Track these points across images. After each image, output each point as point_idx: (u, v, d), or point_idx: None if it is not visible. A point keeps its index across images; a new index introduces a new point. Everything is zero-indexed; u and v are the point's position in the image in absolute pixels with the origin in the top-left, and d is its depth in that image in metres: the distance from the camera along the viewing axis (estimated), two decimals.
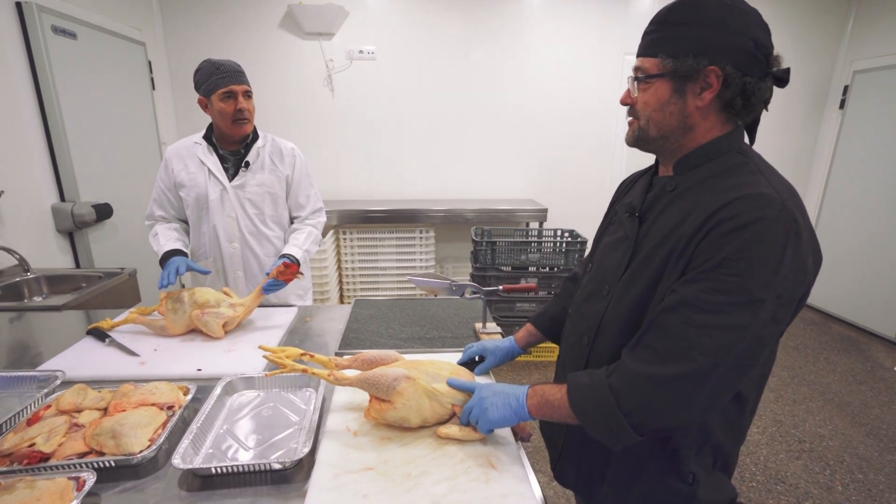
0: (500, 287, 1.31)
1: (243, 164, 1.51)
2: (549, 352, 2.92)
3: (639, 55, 0.75)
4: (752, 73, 0.67)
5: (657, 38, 0.71)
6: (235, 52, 3.14)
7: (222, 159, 1.52)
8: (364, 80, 3.31)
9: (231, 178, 1.52)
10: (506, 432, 0.89)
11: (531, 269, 2.98)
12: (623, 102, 0.78)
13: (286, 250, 1.53)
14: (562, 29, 3.37)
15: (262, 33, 3.16)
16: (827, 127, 3.81)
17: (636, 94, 0.75)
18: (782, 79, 0.69)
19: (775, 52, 0.69)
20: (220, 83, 1.38)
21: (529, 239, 3.14)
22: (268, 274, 1.37)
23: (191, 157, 1.51)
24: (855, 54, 3.58)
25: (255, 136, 1.54)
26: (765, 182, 0.66)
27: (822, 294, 3.89)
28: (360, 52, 3.26)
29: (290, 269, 1.37)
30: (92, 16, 2.41)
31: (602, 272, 0.85)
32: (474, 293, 1.27)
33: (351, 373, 0.91)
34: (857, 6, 3.56)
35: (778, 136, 3.82)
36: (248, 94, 1.44)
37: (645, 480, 0.81)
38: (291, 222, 1.67)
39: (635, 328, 0.73)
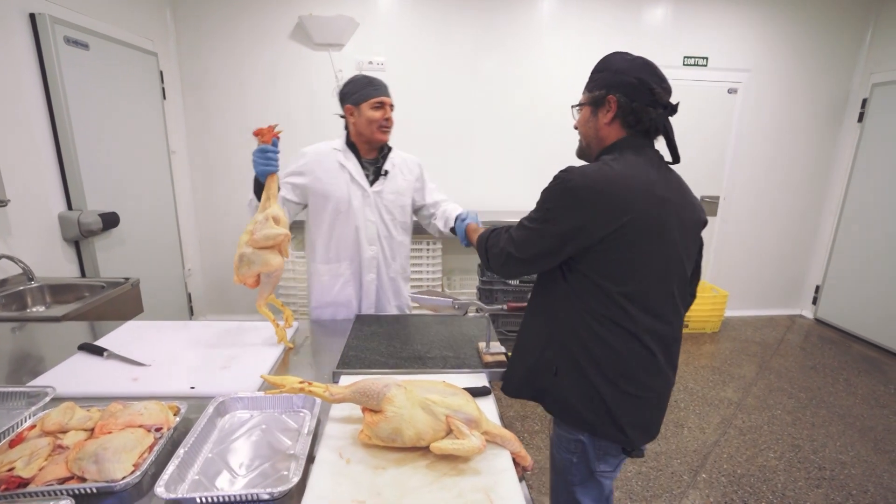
0: (505, 306, 1.26)
1: (382, 172, 1.58)
2: None
3: None
4: (639, 101, 0.99)
5: (588, 80, 1.08)
6: (247, 62, 3.16)
7: (361, 166, 1.58)
8: None
9: (371, 184, 1.58)
10: (507, 463, 0.84)
11: None
12: (574, 126, 1.15)
13: (450, 213, 1.63)
14: (572, 40, 3.35)
15: (273, 44, 3.18)
16: (845, 140, 3.73)
17: (576, 120, 1.13)
18: (668, 107, 1.01)
19: (661, 90, 0.99)
20: (372, 93, 1.49)
21: None
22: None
23: (330, 161, 1.55)
24: (874, 67, 3.50)
25: (390, 148, 1.63)
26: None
27: (841, 312, 3.76)
28: (370, 62, 3.27)
29: (266, 128, 1.25)
30: (105, 27, 2.44)
31: None
32: (478, 311, 1.23)
33: None
34: (876, 19, 3.49)
35: (796, 149, 3.74)
36: (392, 107, 1.55)
37: None
38: (425, 224, 1.77)
39: None
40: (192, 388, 1.06)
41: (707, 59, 3.43)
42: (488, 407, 1.01)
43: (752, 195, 3.77)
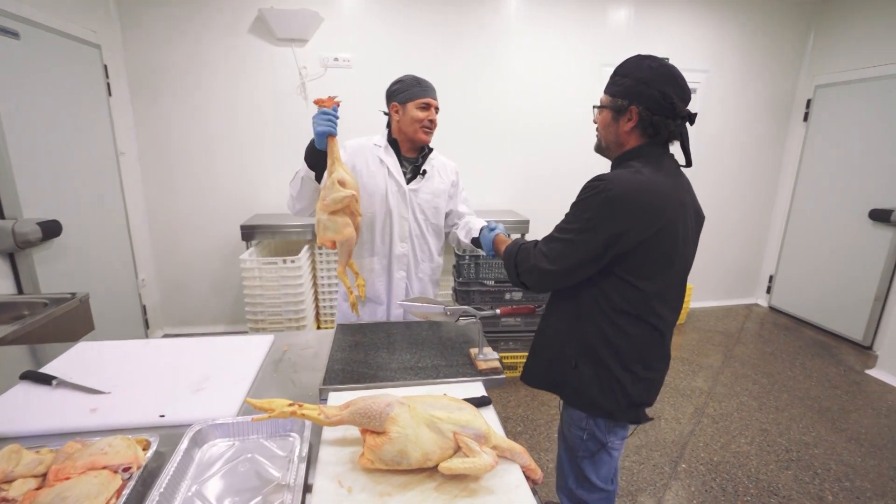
0: (498, 311, 1.22)
1: (421, 172, 1.58)
2: None
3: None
4: (660, 114, 1.04)
5: (610, 81, 1.11)
6: (203, 56, 2.96)
7: (400, 164, 1.57)
8: (340, 89, 3.19)
9: (408, 181, 1.58)
10: (519, 478, 0.80)
11: None
12: (594, 122, 1.18)
13: (474, 223, 1.57)
14: (540, 39, 3.37)
15: (231, 38, 2.99)
16: (792, 139, 3.96)
17: (596, 117, 1.16)
18: (687, 118, 1.06)
19: (681, 102, 1.03)
20: (420, 94, 1.50)
21: None
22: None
23: (371, 156, 1.56)
24: (816, 70, 3.74)
25: (430, 149, 1.62)
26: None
27: (792, 300, 4.00)
28: (336, 59, 3.14)
29: (327, 98, 1.33)
30: (38, 14, 2.20)
31: None
32: (468, 317, 1.18)
33: None
34: (818, 24, 3.73)
35: (746, 148, 3.94)
36: (437, 109, 1.55)
37: None
38: (446, 232, 1.73)
39: None
40: (162, 416, 0.95)
41: (668, 59, 3.54)
42: (490, 418, 0.97)
43: (710, 191, 3.93)
